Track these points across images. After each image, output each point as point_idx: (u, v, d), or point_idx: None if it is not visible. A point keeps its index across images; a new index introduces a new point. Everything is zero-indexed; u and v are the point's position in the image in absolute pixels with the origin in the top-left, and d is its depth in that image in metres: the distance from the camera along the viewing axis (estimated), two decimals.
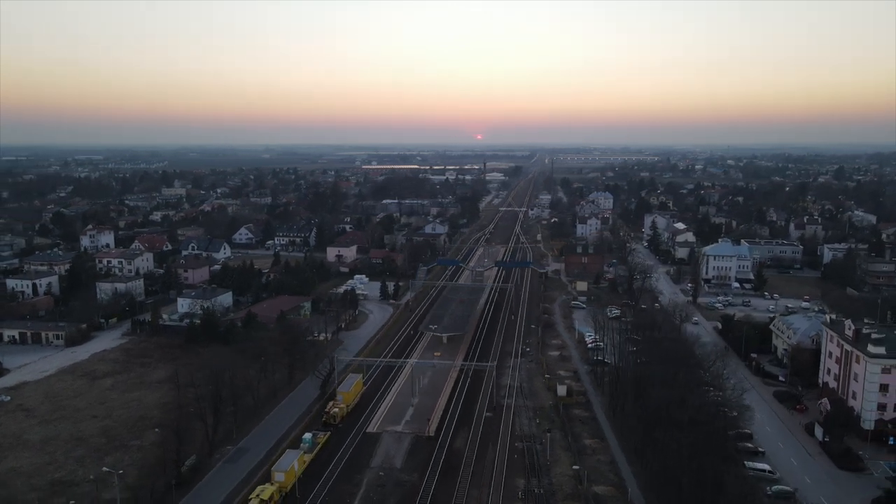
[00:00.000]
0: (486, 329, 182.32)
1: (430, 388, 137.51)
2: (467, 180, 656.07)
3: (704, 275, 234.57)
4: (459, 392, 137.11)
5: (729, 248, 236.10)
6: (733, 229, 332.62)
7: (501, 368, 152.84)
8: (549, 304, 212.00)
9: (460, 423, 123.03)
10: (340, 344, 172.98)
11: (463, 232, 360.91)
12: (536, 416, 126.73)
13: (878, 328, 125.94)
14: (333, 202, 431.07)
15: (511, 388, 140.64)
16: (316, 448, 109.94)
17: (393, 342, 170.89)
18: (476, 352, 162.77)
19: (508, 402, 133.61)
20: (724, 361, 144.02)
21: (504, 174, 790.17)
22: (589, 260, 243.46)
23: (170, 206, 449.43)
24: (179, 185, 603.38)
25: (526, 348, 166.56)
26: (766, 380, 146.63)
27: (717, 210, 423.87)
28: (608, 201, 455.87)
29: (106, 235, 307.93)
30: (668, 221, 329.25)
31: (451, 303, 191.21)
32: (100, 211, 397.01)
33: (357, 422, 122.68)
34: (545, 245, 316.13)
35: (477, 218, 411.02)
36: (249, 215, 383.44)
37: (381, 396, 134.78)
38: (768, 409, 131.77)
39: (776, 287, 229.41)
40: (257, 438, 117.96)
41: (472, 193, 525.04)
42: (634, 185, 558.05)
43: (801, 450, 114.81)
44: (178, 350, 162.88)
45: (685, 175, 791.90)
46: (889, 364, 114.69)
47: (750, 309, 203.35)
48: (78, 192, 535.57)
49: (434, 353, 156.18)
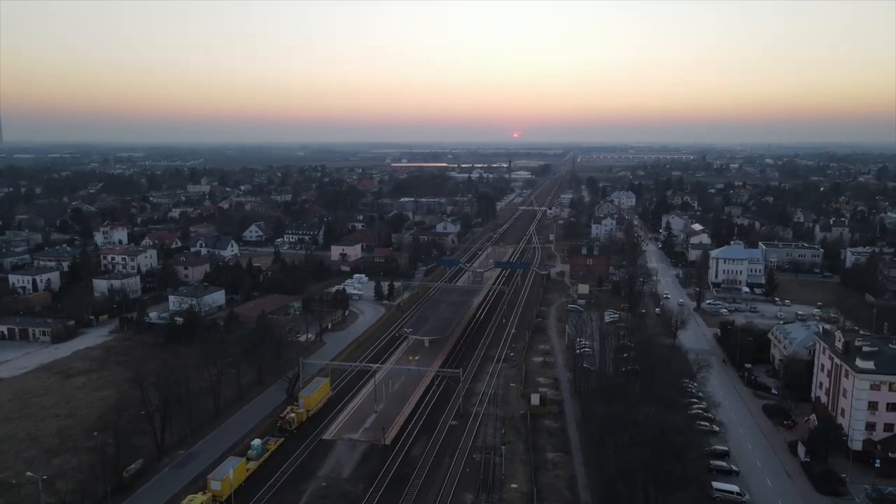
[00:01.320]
0: (473, 333, 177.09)
1: (399, 395, 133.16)
2: (490, 178, 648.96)
3: (714, 278, 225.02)
4: (430, 399, 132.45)
5: (739, 251, 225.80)
6: (756, 230, 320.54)
7: (480, 374, 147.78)
8: (547, 306, 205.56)
9: (422, 431, 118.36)
10: (323, 345, 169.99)
11: (476, 231, 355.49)
12: (503, 426, 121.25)
13: (872, 340, 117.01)
14: (350, 200, 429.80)
15: (484, 396, 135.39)
16: (264, 455, 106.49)
17: (375, 344, 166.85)
18: (457, 356, 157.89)
19: (478, 410, 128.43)
20: (706, 372, 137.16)
21: (531, 173, 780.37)
22: (594, 262, 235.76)
23: (191, 203, 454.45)
24: (206, 182, 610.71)
25: (510, 353, 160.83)
26: (758, 392, 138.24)
27: (743, 210, 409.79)
28: (630, 200, 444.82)
29: (119, 232, 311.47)
30: (685, 222, 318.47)
31: (441, 305, 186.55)
32: (119, 207, 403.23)
33: (316, 428, 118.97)
34: (556, 246, 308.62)
35: (493, 217, 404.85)
36: (265, 213, 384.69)
37: (347, 402, 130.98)
38: (753, 425, 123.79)
39: (790, 292, 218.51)
40: (212, 443, 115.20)
41: (493, 192, 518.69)
42: (661, 185, 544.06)
43: (781, 470, 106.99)
44: (159, 349, 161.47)
45: (718, 174, 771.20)
46: (878, 380, 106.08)
47: (756, 315, 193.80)
48: (107, 188, 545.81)
49: (409, 357, 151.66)
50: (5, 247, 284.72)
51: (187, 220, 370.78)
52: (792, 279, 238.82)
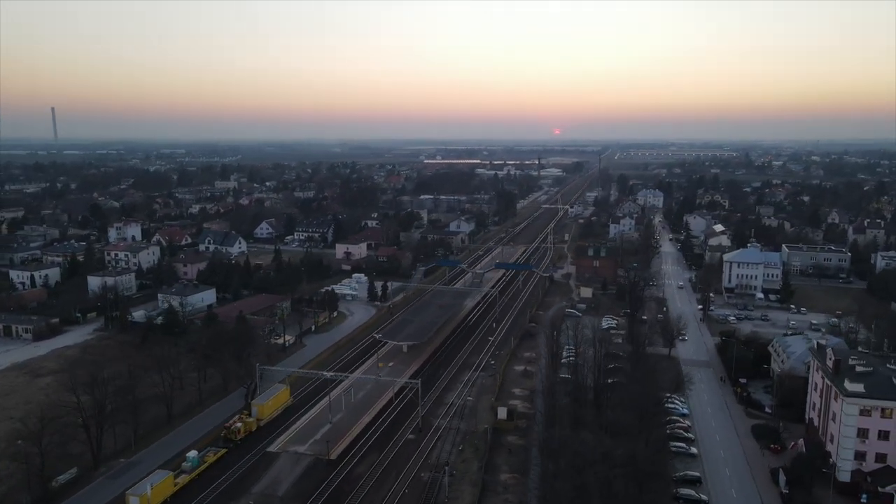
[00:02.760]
0: (458, 338, 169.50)
1: (360, 405, 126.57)
2: (516, 175, 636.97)
3: (727, 283, 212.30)
4: (392, 410, 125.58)
5: (755, 255, 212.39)
6: (785, 232, 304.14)
7: (454, 383, 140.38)
8: (544, 310, 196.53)
9: (374, 446, 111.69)
10: (302, 348, 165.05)
11: (491, 230, 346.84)
12: (463, 441, 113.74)
13: (869, 359, 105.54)
14: (369, 197, 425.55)
15: (452, 407, 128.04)
16: (200, 468, 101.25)
17: (354, 349, 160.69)
18: (435, 363, 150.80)
19: (441, 423, 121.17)
20: (699, 386, 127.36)
21: (563, 170, 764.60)
22: (601, 264, 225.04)
23: (213, 200, 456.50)
24: (235, 178, 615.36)
25: (491, 361, 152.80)
26: (751, 410, 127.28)
27: (776, 210, 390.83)
28: (658, 199, 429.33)
29: (132, 228, 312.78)
30: (707, 222, 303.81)
31: (429, 308, 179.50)
32: (141, 203, 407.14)
33: (265, 438, 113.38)
34: (570, 246, 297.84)
35: (513, 215, 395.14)
36: (281, 210, 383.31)
37: (306, 411, 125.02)
38: (738, 447, 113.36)
39: (808, 299, 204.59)
40: (156, 452, 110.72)
41: (518, 189, 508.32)
42: (693, 183, 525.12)
43: (756, 501, 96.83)
44: (134, 349, 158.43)
45: (759, 172, 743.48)
46: (869, 405, 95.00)
47: (767, 324, 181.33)
48: (137, 184, 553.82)
49: (379, 363, 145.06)
50: (21, 241, 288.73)
51: (205, 217, 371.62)
52: (814, 285, 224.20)
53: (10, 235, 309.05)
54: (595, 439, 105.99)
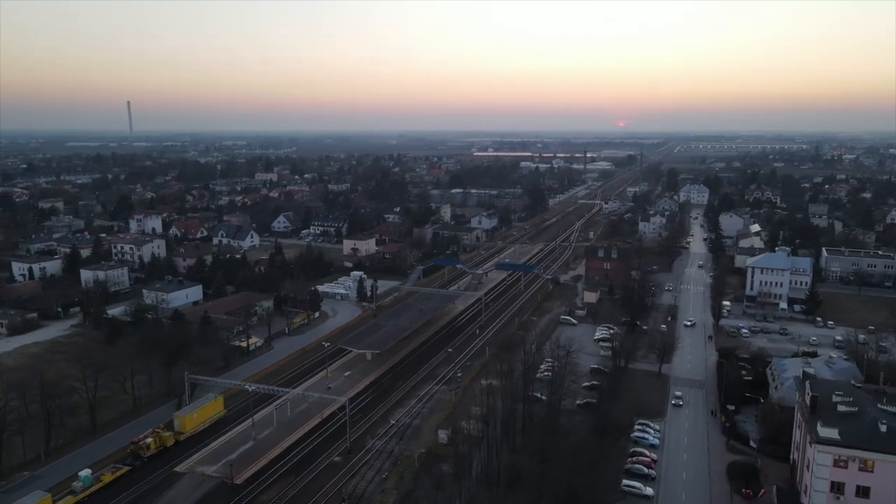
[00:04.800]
0: (432, 346, 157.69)
1: (294, 420, 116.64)
2: (558, 169, 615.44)
3: (749, 290, 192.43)
4: (328, 427, 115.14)
5: (781, 260, 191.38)
6: (833, 233, 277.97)
7: (408, 399, 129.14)
8: (539, 316, 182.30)
9: (292, 469, 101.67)
10: (269, 350, 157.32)
11: (516, 226, 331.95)
12: (392, 468, 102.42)
13: (859, 395, 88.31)
14: (399, 191, 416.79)
15: (395, 427, 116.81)
16: (91, 489, 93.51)
17: (320, 354, 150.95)
18: (397, 374, 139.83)
19: (377, 444, 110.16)
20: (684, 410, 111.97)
21: (613, 163, 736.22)
22: (612, 265, 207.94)
23: (246, 192, 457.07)
24: (277, 170, 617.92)
25: (458, 374, 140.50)
26: (734, 443, 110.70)
27: (832, 209, 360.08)
28: (702, 196, 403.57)
29: (153, 220, 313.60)
30: (745, 221, 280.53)
31: (407, 312, 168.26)
32: (172, 195, 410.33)
33: (178, 456, 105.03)
34: (596, 244, 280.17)
35: (543, 210, 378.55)
36: (308, 202, 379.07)
37: (235, 425, 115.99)
38: (705, 489, 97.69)
39: (840, 311, 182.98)
40: (66, 465, 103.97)
41: (558, 183, 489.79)
42: (747, 178, 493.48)
43: None
44: (98, 347, 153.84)
45: (827, 166, 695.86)
46: (844, 455, 78.54)
47: (784, 339, 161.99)
48: (181, 176, 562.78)
49: (329, 374, 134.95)
50: (41, 232, 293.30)
51: (232, 208, 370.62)
52: (851, 294, 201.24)
53: (37, 226, 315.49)
54: (537, 473, 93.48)
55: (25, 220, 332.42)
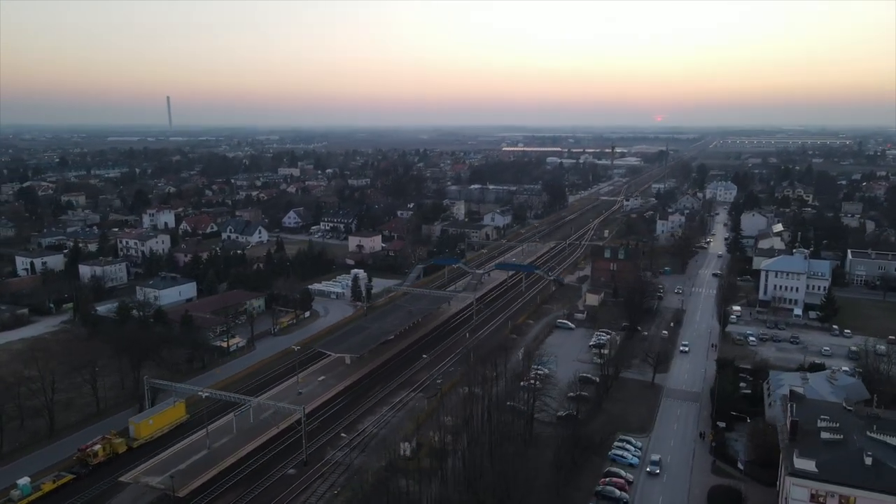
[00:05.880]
0: (416, 350, 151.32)
1: (254, 429, 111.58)
2: (584, 164, 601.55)
3: (762, 295, 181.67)
4: (288, 437, 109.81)
5: (797, 263, 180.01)
6: (864, 234, 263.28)
7: (379, 406, 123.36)
8: (537, 319, 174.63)
9: (242, 482, 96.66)
10: (251, 351, 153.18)
11: (531, 223, 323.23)
12: (348, 482, 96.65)
13: (849, 420, 79.30)
14: (416, 186, 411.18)
15: (362, 436, 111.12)
16: (29, 497, 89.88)
17: (300, 356, 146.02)
18: (373, 380, 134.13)
19: (337, 455, 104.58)
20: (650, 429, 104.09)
21: (643, 159, 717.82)
22: (619, 266, 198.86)
23: (268, 186, 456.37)
24: (302, 165, 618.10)
25: (438, 380, 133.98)
26: (721, 464, 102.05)
27: (868, 207, 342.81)
28: (730, 193, 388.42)
29: (165, 215, 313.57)
30: (768, 220, 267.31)
31: (394, 314, 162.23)
32: (189, 189, 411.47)
33: (128, 464, 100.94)
34: (615, 244, 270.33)
35: (561, 208, 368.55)
36: (323, 198, 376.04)
37: (192, 433, 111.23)
38: None
39: (860, 318, 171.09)
40: (14, 471, 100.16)
41: (582, 180, 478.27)
42: (780, 174, 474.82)
43: None
44: (80, 345, 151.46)
45: (870, 162, 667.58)
46: (823, 490, 70.02)
47: (794, 349, 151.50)
48: (205, 170, 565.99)
49: (300, 379, 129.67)
50: (56, 226, 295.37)
51: (248, 203, 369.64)
52: (876, 300, 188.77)
53: (53, 219, 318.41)
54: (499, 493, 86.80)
55: (44, 213, 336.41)
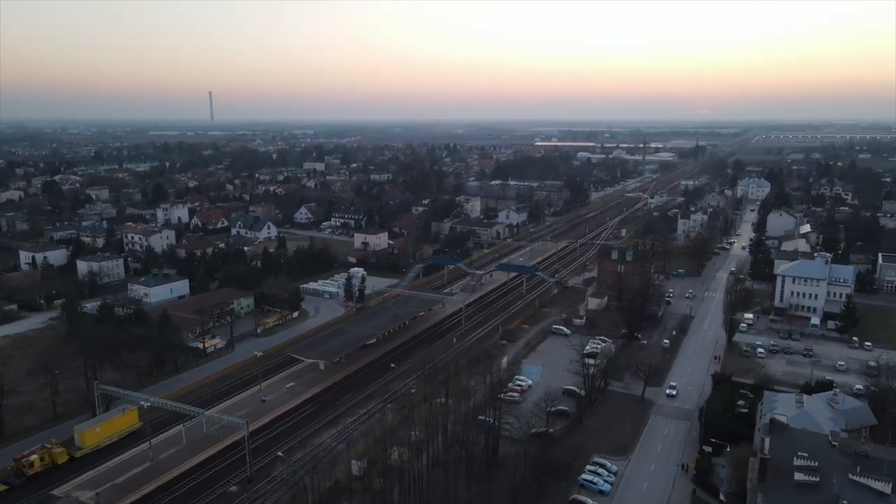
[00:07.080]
0: (398, 355, 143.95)
1: (203, 440, 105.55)
2: (614, 160, 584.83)
3: (778, 302, 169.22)
4: (237, 451, 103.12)
5: (817, 268, 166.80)
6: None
7: (343, 417, 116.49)
8: (533, 324, 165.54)
9: (181, 498, 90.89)
10: (229, 353, 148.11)
11: (548, 220, 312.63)
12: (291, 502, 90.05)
13: (832, 455, 69.06)
14: (436, 181, 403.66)
15: (316, 450, 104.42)
16: None
17: (275, 360, 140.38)
18: (344, 389, 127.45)
19: (285, 471, 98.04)
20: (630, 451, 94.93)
21: (677, 154, 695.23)
22: (627, 269, 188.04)
23: (290, 181, 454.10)
24: (329, 159, 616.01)
25: (412, 390, 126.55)
26: (701, 494, 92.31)
27: None
28: (762, 191, 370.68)
29: (179, 209, 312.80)
30: (796, 221, 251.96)
31: (379, 316, 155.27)
32: (209, 184, 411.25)
33: (67, 475, 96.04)
34: (625, 244, 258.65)
35: (582, 205, 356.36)
36: (340, 193, 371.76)
37: (141, 443, 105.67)
38: None
39: (886, 328, 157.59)
40: None
41: (609, 176, 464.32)
42: (820, 171, 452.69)
43: None
44: (56, 344, 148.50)
45: None
46: None
47: (807, 361, 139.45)
48: (231, 165, 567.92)
49: (262, 387, 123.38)
50: (72, 220, 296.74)
51: (265, 197, 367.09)
52: None
53: (71, 213, 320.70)
54: None
55: (65, 207, 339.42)
